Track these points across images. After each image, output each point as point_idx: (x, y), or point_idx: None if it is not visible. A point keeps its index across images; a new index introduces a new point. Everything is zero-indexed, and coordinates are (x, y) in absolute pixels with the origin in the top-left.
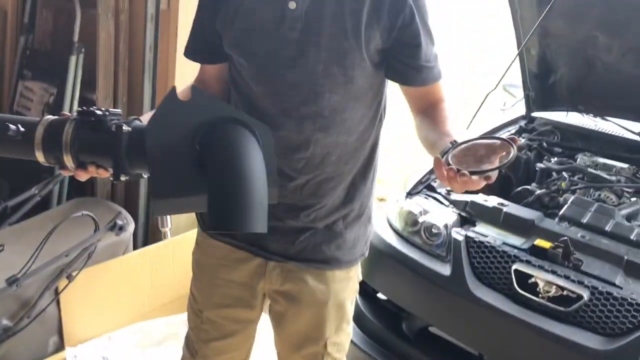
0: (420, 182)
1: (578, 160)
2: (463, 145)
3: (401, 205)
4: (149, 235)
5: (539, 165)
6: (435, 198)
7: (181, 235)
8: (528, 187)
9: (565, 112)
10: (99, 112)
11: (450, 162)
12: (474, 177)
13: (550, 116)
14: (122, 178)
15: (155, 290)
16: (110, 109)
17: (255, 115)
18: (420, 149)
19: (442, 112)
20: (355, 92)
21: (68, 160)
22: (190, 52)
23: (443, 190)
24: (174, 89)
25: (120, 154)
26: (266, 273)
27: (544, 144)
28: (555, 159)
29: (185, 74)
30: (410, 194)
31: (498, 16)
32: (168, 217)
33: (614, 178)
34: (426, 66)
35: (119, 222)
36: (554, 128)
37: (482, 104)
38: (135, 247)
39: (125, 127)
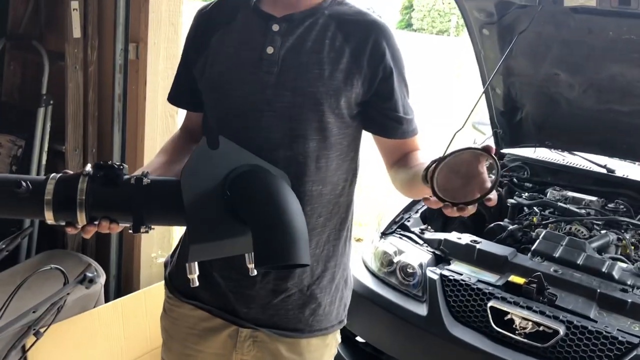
0: (393, 222)
1: (548, 194)
2: (442, 166)
3: (376, 246)
4: (121, 287)
5: (510, 200)
6: (409, 237)
7: (153, 286)
8: (500, 222)
9: (534, 148)
10: (114, 166)
11: (438, 192)
12: (470, 207)
13: (519, 152)
14: (142, 230)
15: (128, 342)
16: (118, 163)
17: None
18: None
19: (417, 154)
20: (329, 140)
21: (81, 217)
22: (174, 99)
23: (417, 230)
24: (204, 139)
25: (141, 207)
26: (237, 344)
27: (515, 179)
28: (526, 194)
29: (154, 122)
30: (384, 234)
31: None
32: (195, 263)
33: (583, 211)
34: (406, 118)
35: (89, 274)
36: (523, 164)
37: (450, 142)
38: (107, 300)
39: (145, 180)
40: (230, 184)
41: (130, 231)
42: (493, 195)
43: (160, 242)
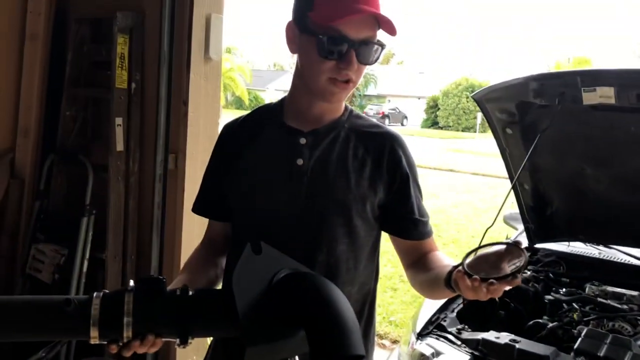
0: (430, 322)
1: (587, 289)
2: (472, 256)
3: (413, 348)
4: None
5: (548, 297)
6: (446, 338)
7: None
8: (539, 320)
9: (567, 242)
10: (157, 279)
11: (468, 271)
12: (497, 284)
13: (553, 247)
14: (190, 341)
15: None
16: (161, 276)
17: None
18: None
19: (437, 255)
20: (357, 242)
21: (127, 334)
22: (199, 209)
23: (454, 329)
24: (248, 246)
25: (189, 319)
26: None
27: (551, 275)
28: (564, 289)
29: (191, 229)
30: (420, 335)
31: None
32: None
33: (625, 307)
34: (421, 220)
35: None
36: (558, 258)
37: (482, 238)
38: None
39: (190, 292)
40: (276, 287)
41: (177, 345)
42: (519, 277)
43: (195, 347)
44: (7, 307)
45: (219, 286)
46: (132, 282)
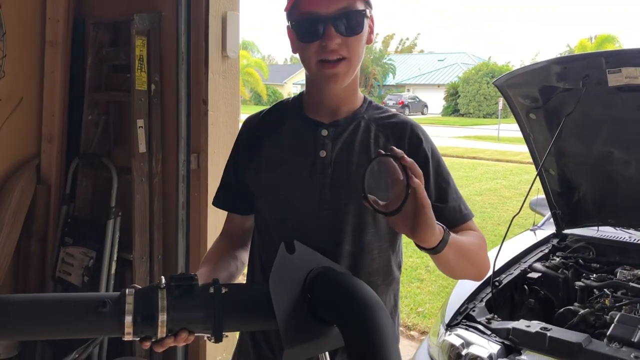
0: (458, 313)
1: (618, 274)
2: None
3: (442, 339)
4: None
5: (578, 283)
6: (476, 328)
7: None
8: (570, 307)
9: (596, 227)
10: (190, 276)
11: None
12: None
13: (582, 232)
14: (223, 339)
15: None
16: (192, 273)
17: None
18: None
19: (465, 233)
20: (382, 231)
21: (161, 331)
22: (221, 202)
23: (483, 319)
24: (283, 246)
25: (222, 316)
26: None
27: (580, 260)
28: (594, 275)
29: (216, 227)
30: (449, 325)
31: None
32: None
33: None
34: (452, 207)
35: None
36: (587, 244)
37: (509, 226)
38: None
39: (223, 289)
40: (310, 286)
41: (212, 341)
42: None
43: (224, 343)
44: (42, 304)
45: (239, 279)
46: (163, 279)
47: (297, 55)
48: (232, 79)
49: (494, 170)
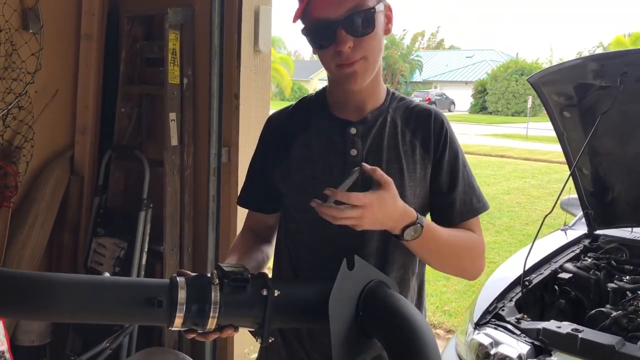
0: (487, 312)
1: None
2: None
3: (471, 338)
4: None
5: (611, 285)
6: (505, 327)
7: None
8: (602, 309)
9: (630, 228)
10: (242, 272)
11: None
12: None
13: (615, 233)
14: (270, 340)
15: None
16: (243, 268)
17: (313, 259)
18: (481, 275)
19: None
20: None
21: (211, 324)
22: (246, 201)
23: (512, 319)
24: (344, 263)
25: (273, 317)
26: None
27: (613, 262)
28: (627, 277)
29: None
30: (478, 324)
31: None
32: None
33: None
34: (462, 199)
35: None
36: (620, 245)
37: (540, 226)
38: None
39: (276, 292)
40: (362, 302)
41: (258, 341)
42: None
43: (252, 338)
44: (95, 288)
45: (263, 269)
46: (215, 273)
47: None
48: (264, 73)
49: (522, 169)
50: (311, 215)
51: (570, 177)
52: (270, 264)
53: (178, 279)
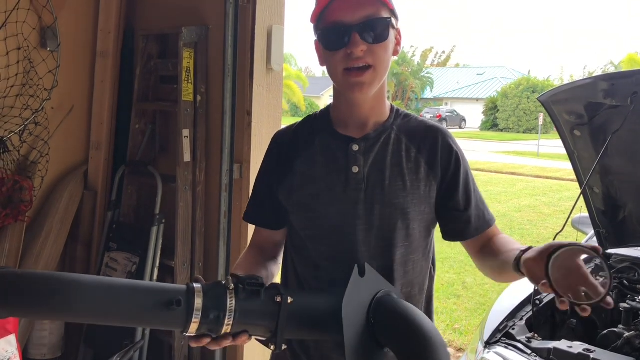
0: (498, 330)
1: None
2: (553, 261)
3: (481, 357)
4: None
5: (623, 305)
6: (515, 347)
7: None
8: (615, 329)
9: None
10: (257, 280)
11: (556, 288)
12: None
13: (627, 252)
14: (284, 347)
15: None
16: (258, 276)
17: (318, 275)
18: (492, 293)
19: (502, 239)
20: (414, 244)
21: (226, 330)
22: (252, 217)
23: (523, 338)
24: (356, 270)
25: (287, 325)
26: None
27: (625, 281)
28: None
29: None
30: (488, 343)
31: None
32: None
33: None
34: (476, 214)
35: None
36: (632, 264)
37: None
38: None
39: (290, 299)
40: (373, 311)
41: (271, 348)
42: (609, 299)
43: (262, 350)
44: (113, 291)
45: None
46: (230, 279)
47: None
48: (276, 91)
49: (534, 186)
50: (315, 232)
51: (581, 196)
52: (278, 278)
53: (195, 285)
